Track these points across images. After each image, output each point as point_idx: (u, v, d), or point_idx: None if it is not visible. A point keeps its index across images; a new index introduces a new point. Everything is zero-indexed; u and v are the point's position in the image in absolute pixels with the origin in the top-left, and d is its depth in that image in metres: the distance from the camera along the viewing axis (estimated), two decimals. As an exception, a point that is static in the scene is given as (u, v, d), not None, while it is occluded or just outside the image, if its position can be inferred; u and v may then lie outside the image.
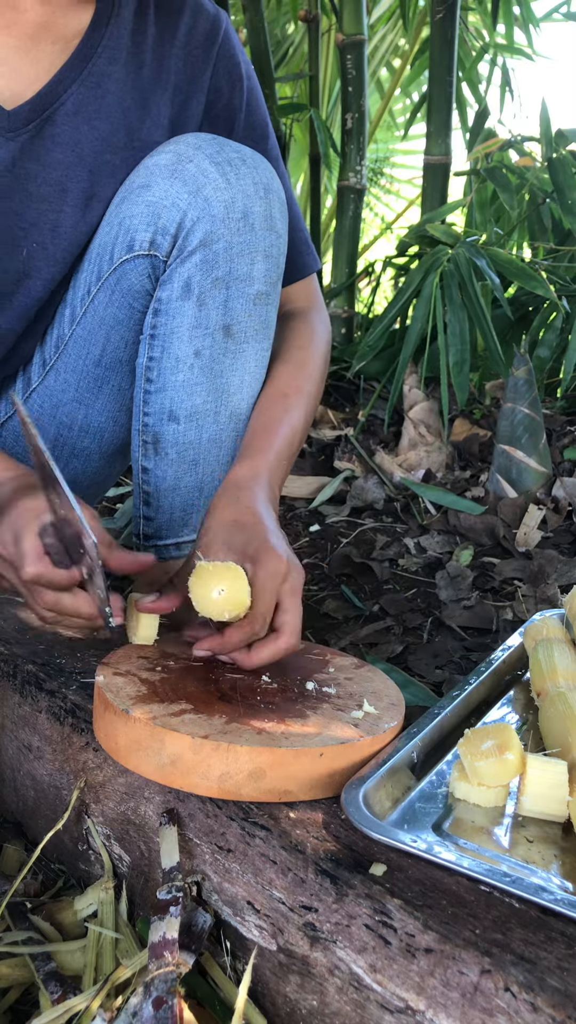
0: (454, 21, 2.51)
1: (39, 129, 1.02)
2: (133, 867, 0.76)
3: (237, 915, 0.67)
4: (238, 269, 1.03)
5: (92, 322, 1.10)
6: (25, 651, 0.96)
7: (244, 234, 1.02)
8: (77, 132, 1.04)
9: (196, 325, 1.04)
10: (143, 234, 1.02)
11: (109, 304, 1.08)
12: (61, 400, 1.15)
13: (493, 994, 0.54)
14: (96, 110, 1.04)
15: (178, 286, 1.03)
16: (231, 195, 1.00)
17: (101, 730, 0.79)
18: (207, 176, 1.00)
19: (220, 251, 1.01)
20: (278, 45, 3.69)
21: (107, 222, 1.06)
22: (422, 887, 0.62)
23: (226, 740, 0.71)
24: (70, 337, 1.12)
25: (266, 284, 1.05)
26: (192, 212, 1.00)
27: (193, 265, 1.01)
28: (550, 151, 2.43)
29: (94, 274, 1.08)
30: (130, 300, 1.07)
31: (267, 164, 1.05)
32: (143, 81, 1.07)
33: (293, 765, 0.71)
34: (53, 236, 1.06)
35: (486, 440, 2.19)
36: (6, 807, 0.93)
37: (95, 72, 1.04)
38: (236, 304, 1.04)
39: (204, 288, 1.02)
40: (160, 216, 1.01)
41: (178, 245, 1.01)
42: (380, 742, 0.76)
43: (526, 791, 0.72)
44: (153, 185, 1.01)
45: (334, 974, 0.60)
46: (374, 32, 3.70)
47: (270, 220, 1.03)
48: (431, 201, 2.65)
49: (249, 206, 1.01)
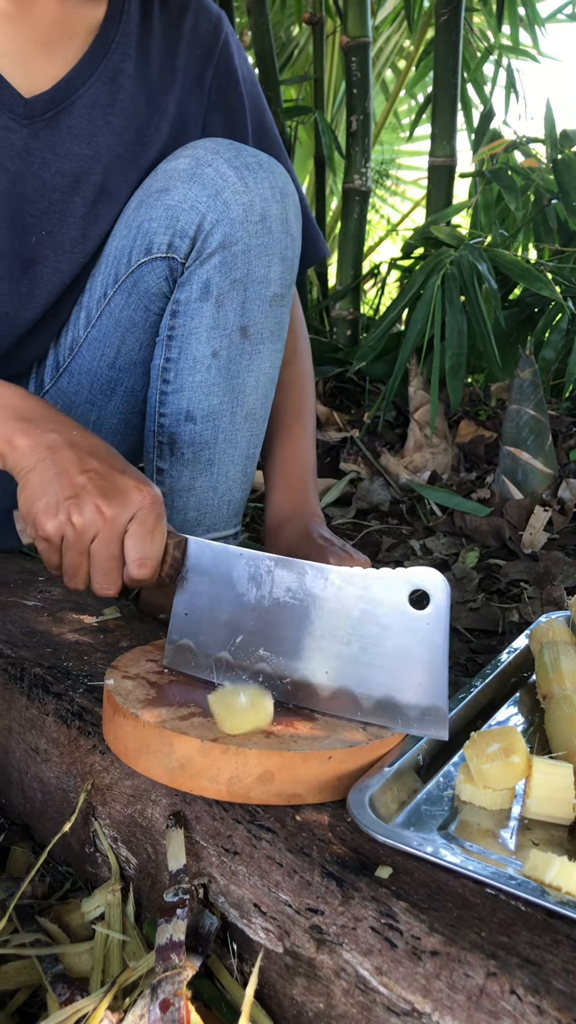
0: (458, 23, 2.51)
1: (55, 119, 1.04)
2: (140, 869, 0.76)
3: (244, 917, 0.67)
4: (256, 271, 1.04)
5: (108, 324, 1.11)
6: (32, 654, 0.96)
7: (262, 236, 1.03)
8: (93, 125, 1.06)
9: (214, 326, 1.05)
10: (162, 237, 1.03)
11: (125, 306, 1.09)
12: (74, 402, 1.16)
13: (499, 997, 0.54)
14: (110, 104, 1.06)
15: (197, 287, 1.04)
16: (249, 198, 1.02)
17: (111, 733, 0.79)
18: (226, 180, 1.01)
19: (239, 253, 1.02)
20: (283, 48, 3.69)
21: (124, 225, 1.07)
22: (428, 890, 0.62)
23: (235, 744, 0.71)
24: (85, 339, 1.13)
25: (282, 286, 1.07)
26: (211, 215, 1.01)
27: (212, 267, 1.03)
28: (555, 152, 2.43)
29: (111, 277, 1.09)
30: (146, 302, 1.08)
31: (282, 169, 1.07)
32: (152, 77, 1.09)
33: (302, 768, 0.71)
34: (61, 225, 1.07)
35: (492, 442, 2.19)
36: (14, 809, 0.93)
37: (110, 67, 1.06)
38: (253, 305, 1.05)
39: (223, 289, 1.03)
40: (179, 219, 1.02)
41: (197, 247, 1.03)
42: (388, 745, 0.77)
43: (532, 794, 0.72)
44: (172, 189, 1.03)
45: (340, 976, 0.60)
46: (379, 34, 3.70)
47: (286, 223, 1.05)
48: (436, 203, 2.66)
49: (267, 209, 1.03)
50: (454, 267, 2.10)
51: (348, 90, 2.70)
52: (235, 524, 1.17)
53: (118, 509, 0.80)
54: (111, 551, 0.81)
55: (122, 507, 0.80)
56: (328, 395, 2.54)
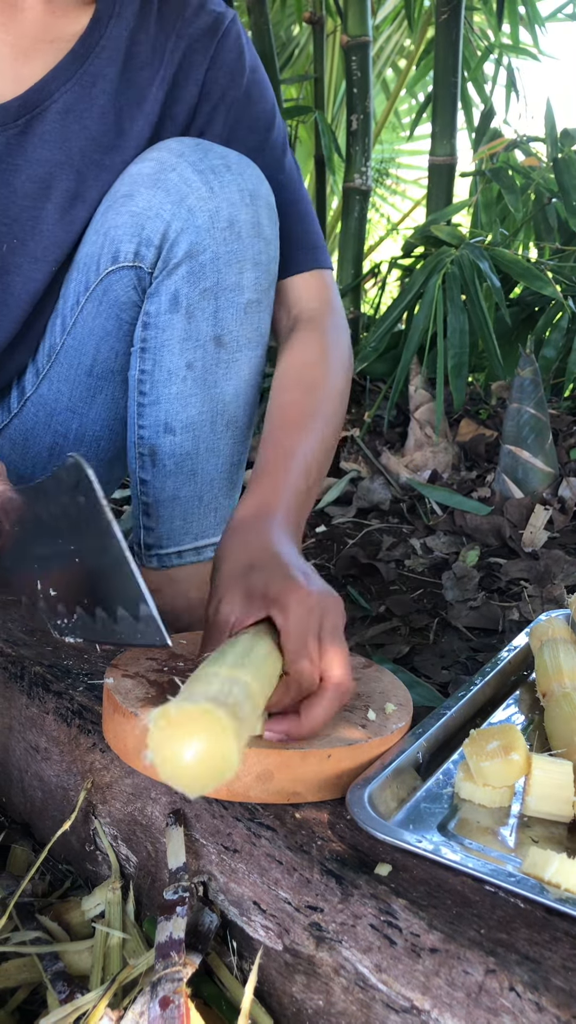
0: (459, 22, 2.51)
1: (28, 125, 1.01)
2: (140, 867, 0.76)
3: (243, 915, 0.67)
4: (226, 279, 1.01)
5: (82, 332, 1.09)
6: (32, 653, 0.96)
7: (231, 243, 1.00)
8: (67, 130, 1.03)
9: (186, 338, 1.03)
10: (127, 245, 1.00)
11: (97, 315, 1.06)
12: (55, 409, 1.15)
13: (498, 994, 0.54)
14: (87, 109, 1.03)
15: (166, 299, 1.01)
16: (215, 204, 0.98)
17: (110, 732, 0.79)
18: (190, 185, 0.98)
19: (207, 262, 1.00)
20: (283, 47, 3.70)
21: (93, 231, 1.05)
22: (427, 887, 0.62)
23: None
24: (61, 347, 1.11)
25: (256, 292, 1.04)
26: (176, 223, 0.98)
27: (180, 277, 1.00)
28: (555, 151, 2.43)
29: (82, 284, 1.06)
30: (117, 311, 1.05)
31: (254, 169, 1.02)
32: (140, 80, 1.06)
33: (301, 767, 0.71)
34: (33, 233, 1.05)
35: (492, 440, 2.19)
36: (14, 808, 0.93)
37: (90, 72, 1.03)
38: (226, 314, 1.03)
39: (192, 300, 1.01)
40: (144, 227, 0.99)
41: (163, 257, 1.00)
42: (387, 743, 0.77)
43: (531, 791, 0.72)
44: (136, 195, 1.00)
45: (340, 974, 0.60)
46: (379, 33, 3.70)
47: (258, 227, 1.01)
48: (436, 202, 2.66)
49: (235, 214, 1.00)
50: (455, 266, 2.10)
51: (348, 89, 2.70)
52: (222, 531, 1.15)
53: None
54: None
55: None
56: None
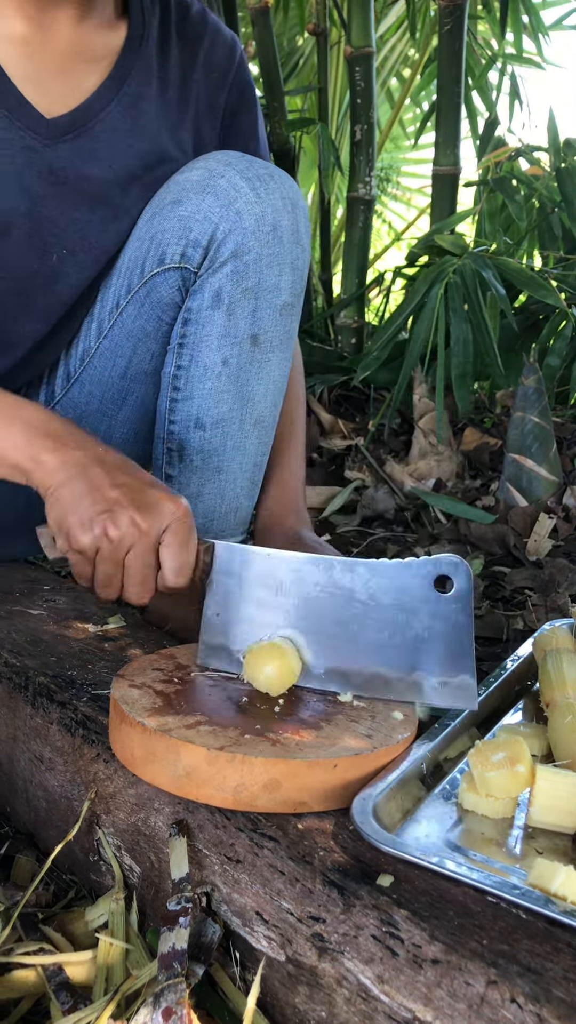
0: (462, 32, 2.52)
1: (76, 142, 1.06)
2: (143, 878, 0.76)
3: (246, 926, 0.67)
4: (267, 280, 1.05)
5: (120, 335, 1.12)
6: (36, 663, 0.97)
7: (273, 246, 1.04)
8: (113, 149, 1.07)
9: (225, 334, 1.06)
10: (174, 247, 1.05)
11: (138, 317, 1.10)
12: (85, 412, 1.17)
13: (499, 1005, 0.54)
14: (131, 129, 1.08)
15: (208, 296, 1.05)
16: (261, 209, 1.03)
17: (117, 742, 0.79)
18: (238, 191, 1.03)
19: (250, 262, 1.04)
20: (287, 58, 3.71)
21: (137, 237, 1.09)
22: (429, 898, 0.62)
23: (241, 752, 0.71)
24: (96, 350, 1.14)
25: (291, 295, 1.08)
26: (224, 225, 1.03)
27: (224, 276, 1.04)
28: (559, 160, 2.43)
29: (123, 288, 1.10)
30: (159, 312, 1.09)
31: (292, 181, 1.08)
32: (170, 102, 1.12)
33: (307, 776, 0.72)
34: (82, 243, 1.09)
35: (496, 449, 2.19)
36: (18, 818, 0.94)
37: (131, 92, 1.08)
38: (264, 314, 1.07)
39: (234, 298, 1.05)
40: (192, 229, 1.04)
41: (209, 257, 1.04)
42: (393, 752, 0.77)
43: (535, 802, 0.72)
44: (185, 200, 1.04)
45: (342, 985, 0.60)
46: (383, 43, 3.71)
47: (296, 234, 1.06)
48: (440, 211, 2.66)
49: (278, 220, 1.04)
50: (457, 276, 2.11)
51: (352, 100, 2.71)
52: (241, 532, 1.18)
53: (153, 521, 0.83)
54: (147, 561, 0.84)
55: (156, 519, 0.83)
56: (333, 403, 2.54)
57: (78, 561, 0.86)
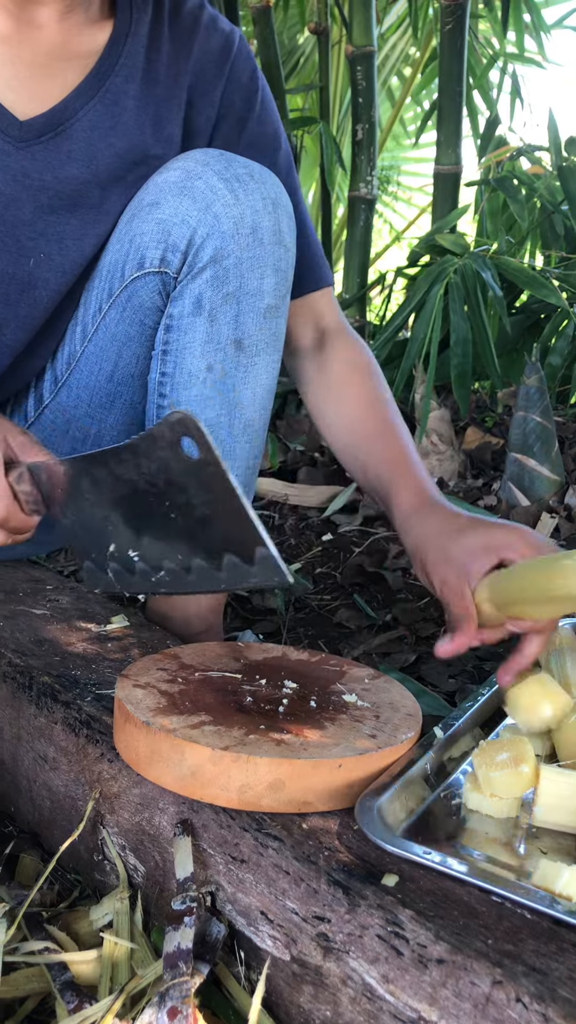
0: (463, 31, 2.52)
1: (53, 142, 1.04)
2: (148, 877, 0.77)
3: (251, 925, 0.67)
4: (248, 284, 1.04)
5: (104, 339, 1.11)
6: (40, 663, 0.97)
7: (253, 249, 1.03)
8: (93, 148, 1.05)
9: (208, 340, 1.05)
10: (153, 251, 1.03)
11: (120, 321, 1.09)
12: (74, 416, 1.16)
13: (505, 1005, 0.54)
14: (112, 127, 1.06)
15: (189, 302, 1.04)
16: (240, 211, 1.01)
17: (122, 742, 0.79)
18: (216, 193, 1.01)
19: (230, 267, 1.02)
20: (288, 56, 3.71)
21: (117, 239, 1.07)
22: (434, 898, 0.62)
23: (246, 752, 0.71)
24: (82, 354, 1.13)
25: (275, 298, 1.06)
26: (202, 229, 1.01)
27: (204, 281, 1.02)
28: (560, 159, 2.43)
29: (105, 291, 1.09)
30: (141, 316, 1.08)
31: (275, 179, 1.06)
32: (157, 98, 1.09)
33: (312, 776, 0.72)
34: (60, 247, 1.07)
35: (498, 448, 2.19)
36: (23, 817, 0.94)
37: (112, 90, 1.06)
38: (247, 318, 1.05)
39: (215, 304, 1.03)
40: (170, 233, 1.02)
41: (188, 262, 1.02)
42: (397, 752, 0.77)
43: (540, 802, 0.73)
44: (163, 203, 1.02)
45: (347, 984, 0.60)
46: (384, 42, 3.71)
47: (279, 234, 1.04)
48: (442, 210, 2.66)
49: (258, 221, 1.02)
50: (457, 276, 2.11)
51: (353, 99, 2.71)
52: None
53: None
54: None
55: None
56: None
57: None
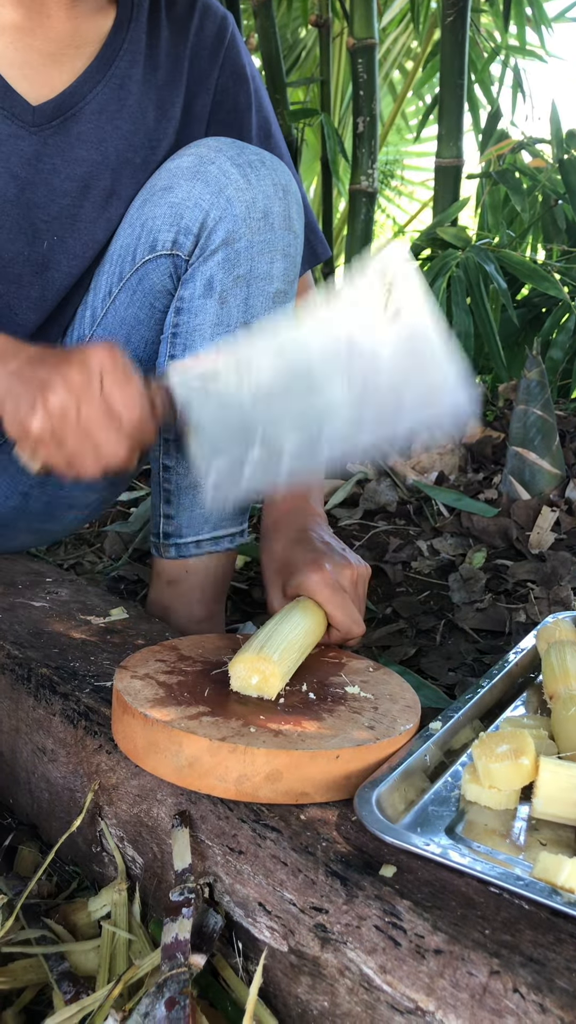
0: (465, 24, 2.51)
1: (64, 126, 1.06)
2: (146, 869, 0.76)
3: (248, 916, 0.67)
4: (258, 268, 1.05)
5: (113, 322, 1.12)
6: (39, 655, 0.97)
7: (264, 233, 1.04)
8: (101, 131, 1.07)
9: (218, 323, 1.06)
10: (166, 234, 1.04)
11: (131, 304, 1.10)
12: None
13: (502, 995, 0.54)
14: (119, 110, 1.08)
15: (200, 284, 1.05)
16: (252, 195, 1.02)
17: (120, 732, 0.79)
18: (228, 177, 1.02)
19: (241, 250, 1.03)
20: (290, 50, 3.70)
21: (129, 224, 1.09)
22: (432, 888, 0.62)
23: (243, 743, 0.71)
24: (91, 337, 1.14)
25: (284, 282, 1.07)
26: (214, 212, 1.02)
27: (215, 264, 1.03)
28: (561, 152, 2.42)
29: (115, 275, 1.10)
30: (151, 300, 1.09)
31: (284, 166, 1.07)
32: (159, 82, 1.11)
33: (310, 767, 0.71)
34: (72, 230, 1.09)
35: (499, 442, 2.19)
36: (21, 809, 0.94)
37: (117, 74, 1.08)
38: (256, 302, 1.06)
39: (226, 286, 1.04)
40: (183, 216, 1.03)
41: (200, 244, 1.04)
42: (396, 744, 0.77)
43: (539, 793, 0.72)
44: (175, 187, 1.04)
45: (345, 975, 0.60)
46: (386, 35, 3.70)
47: (288, 220, 1.06)
48: (443, 204, 2.66)
49: (269, 206, 1.04)
50: (460, 269, 2.10)
51: (355, 92, 2.71)
52: (241, 523, 1.17)
53: (82, 373, 0.84)
54: (99, 411, 0.84)
55: (84, 370, 0.84)
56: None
57: (48, 453, 0.86)
